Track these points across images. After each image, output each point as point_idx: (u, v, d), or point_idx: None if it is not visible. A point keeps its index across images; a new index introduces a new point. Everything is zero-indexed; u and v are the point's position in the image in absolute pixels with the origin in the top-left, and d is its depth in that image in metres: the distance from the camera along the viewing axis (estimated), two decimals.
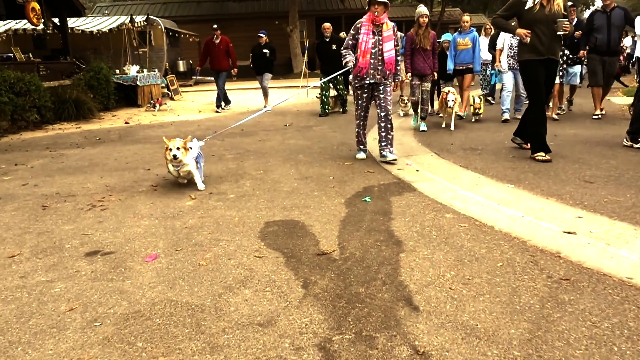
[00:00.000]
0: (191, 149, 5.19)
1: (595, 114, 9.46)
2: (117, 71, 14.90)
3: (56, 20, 14.18)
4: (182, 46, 26.89)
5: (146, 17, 18.23)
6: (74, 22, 17.56)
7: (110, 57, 16.47)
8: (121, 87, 14.46)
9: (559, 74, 9.10)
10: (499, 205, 4.51)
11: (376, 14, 6.06)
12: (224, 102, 13.49)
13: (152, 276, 3.22)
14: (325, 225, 4.10)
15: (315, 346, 2.36)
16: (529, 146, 6.48)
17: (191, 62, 13.97)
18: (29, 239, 3.97)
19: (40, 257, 3.60)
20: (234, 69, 12.92)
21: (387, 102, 6.28)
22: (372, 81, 6.24)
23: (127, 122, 11.58)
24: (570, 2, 9.10)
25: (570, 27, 5.96)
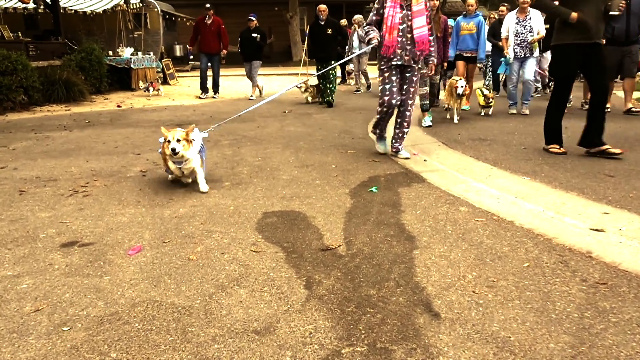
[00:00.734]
0: (194, 141, 4.29)
1: (627, 109, 8.66)
2: (111, 53, 14.40)
3: None
4: (179, 30, 26.27)
5: None
6: (66, 2, 16.96)
7: (103, 39, 15.93)
8: (114, 69, 13.97)
9: None
10: (516, 198, 4.15)
11: None
12: (212, 89, 12.65)
13: (134, 272, 2.85)
14: (329, 217, 3.73)
15: None
16: (611, 149, 5.41)
17: (188, 47, 13.19)
18: (0, 227, 3.58)
19: (9, 247, 3.22)
20: (224, 50, 12.12)
21: (410, 94, 5.53)
22: (399, 62, 5.37)
23: (119, 106, 11.14)
24: None
25: (624, 6, 5.25)
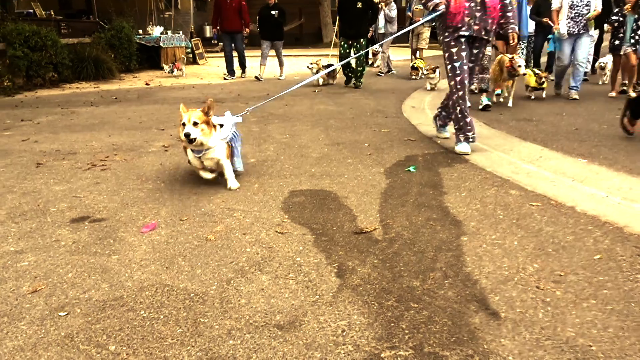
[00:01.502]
0: (220, 126, 3.49)
1: None
2: (140, 31, 14.23)
3: None
4: (210, 11, 26.02)
5: None
6: None
7: (134, 19, 15.79)
8: (144, 48, 13.79)
9: (631, 41, 7.74)
10: (573, 182, 3.68)
11: None
12: (240, 68, 11.97)
13: (145, 251, 2.55)
14: (362, 197, 3.36)
15: None
16: None
17: (212, 30, 12.55)
18: (10, 200, 3.35)
19: (17, 221, 2.97)
20: (246, 28, 11.39)
21: (472, 73, 4.63)
22: (468, 33, 4.46)
23: (147, 84, 10.95)
24: None
25: None
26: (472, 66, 4.64)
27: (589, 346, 1.73)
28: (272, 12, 10.95)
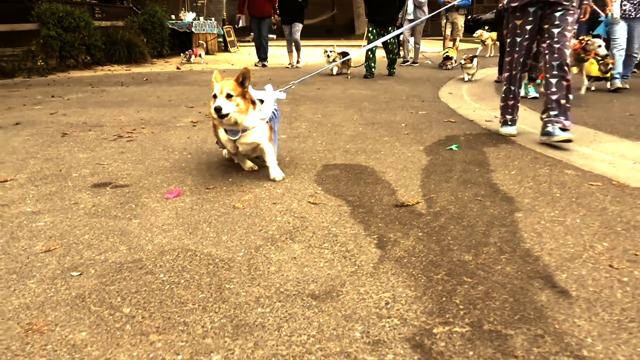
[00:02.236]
0: (261, 102, 2.87)
1: None
2: (173, 17, 14.21)
3: None
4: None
5: None
6: None
7: (167, 5, 15.80)
8: (176, 33, 13.77)
9: None
10: (635, 164, 3.34)
11: None
12: (259, 55, 11.26)
13: (168, 216, 2.36)
14: (401, 172, 3.10)
15: (406, 342, 1.40)
16: None
17: (238, 15, 11.85)
18: (32, 164, 3.22)
19: (37, 184, 2.83)
20: (275, 15, 10.73)
21: (565, 40, 3.65)
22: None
23: (178, 68, 10.88)
24: None
25: None
26: (560, 32, 3.65)
27: None
28: None
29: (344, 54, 9.23)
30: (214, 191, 2.74)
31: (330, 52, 9.23)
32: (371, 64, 8.90)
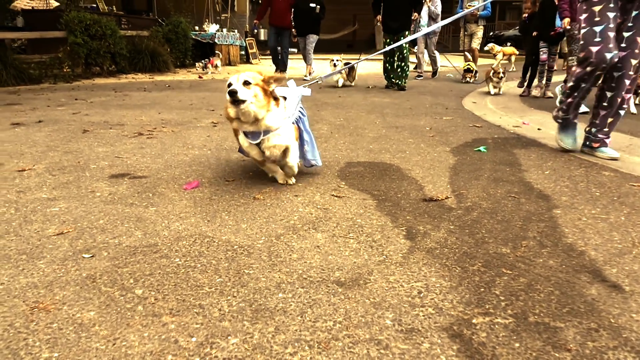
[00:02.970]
0: (284, 99, 2.52)
1: None
2: (197, 28, 14.38)
3: None
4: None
5: None
6: None
7: (191, 18, 16.04)
8: (199, 44, 13.91)
9: None
10: None
11: None
12: (280, 68, 10.51)
13: (186, 205, 2.26)
14: (428, 170, 2.97)
15: (442, 331, 1.26)
16: None
17: (255, 21, 11.45)
18: (51, 156, 3.17)
19: (54, 173, 2.77)
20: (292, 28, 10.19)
21: (638, 47, 3.15)
22: None
23: (200, 77, 10.94)
24: None
25: None
26: (633, 34, 3.13)
27: None
28: (311, 4, 9.60)
29: (348, 64, 8.97)
30: (233, 184, 2.64)
31: (337, 61, 8.99)
32: (390, 75, 8.65)
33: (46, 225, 1.98)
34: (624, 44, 3.17)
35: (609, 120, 3.36)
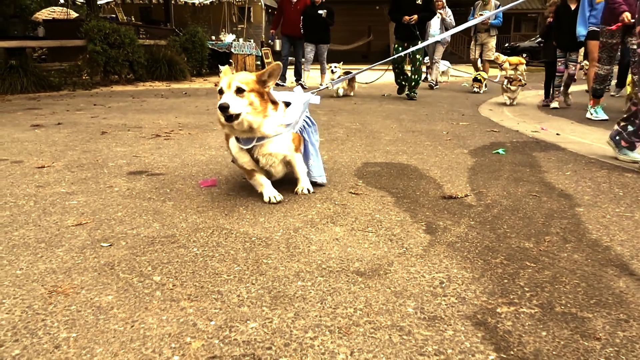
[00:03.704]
0: (288, 105, 2.33)
1: None
2: (213, 37, 14.56)
3: None
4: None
5: None
6: None
7: (208, 28, 16.25)
8: (216, 54, 14.06)
9: None
10: None
11: None
12: (294, 76, 10.54)
13: (203, 200, 2.26)
14: (446, 170, 2.94)
15: (466, 319, 1.23)
16: None
17: (271, 31, 11.43)
18: (70, 155, 3.21)
19: (73, 170, 2.79)
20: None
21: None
22: None
23: (216, 85, 11.04)
24: None
25: None
26: None
27: None
28: (320, 11, 9.51)
29: (348, 73, 8.68)
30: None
31: (335, 67, 8.48)
32: (402, 82, 8.51)
33: (65, 216, 1.99)
34: None
35: None
